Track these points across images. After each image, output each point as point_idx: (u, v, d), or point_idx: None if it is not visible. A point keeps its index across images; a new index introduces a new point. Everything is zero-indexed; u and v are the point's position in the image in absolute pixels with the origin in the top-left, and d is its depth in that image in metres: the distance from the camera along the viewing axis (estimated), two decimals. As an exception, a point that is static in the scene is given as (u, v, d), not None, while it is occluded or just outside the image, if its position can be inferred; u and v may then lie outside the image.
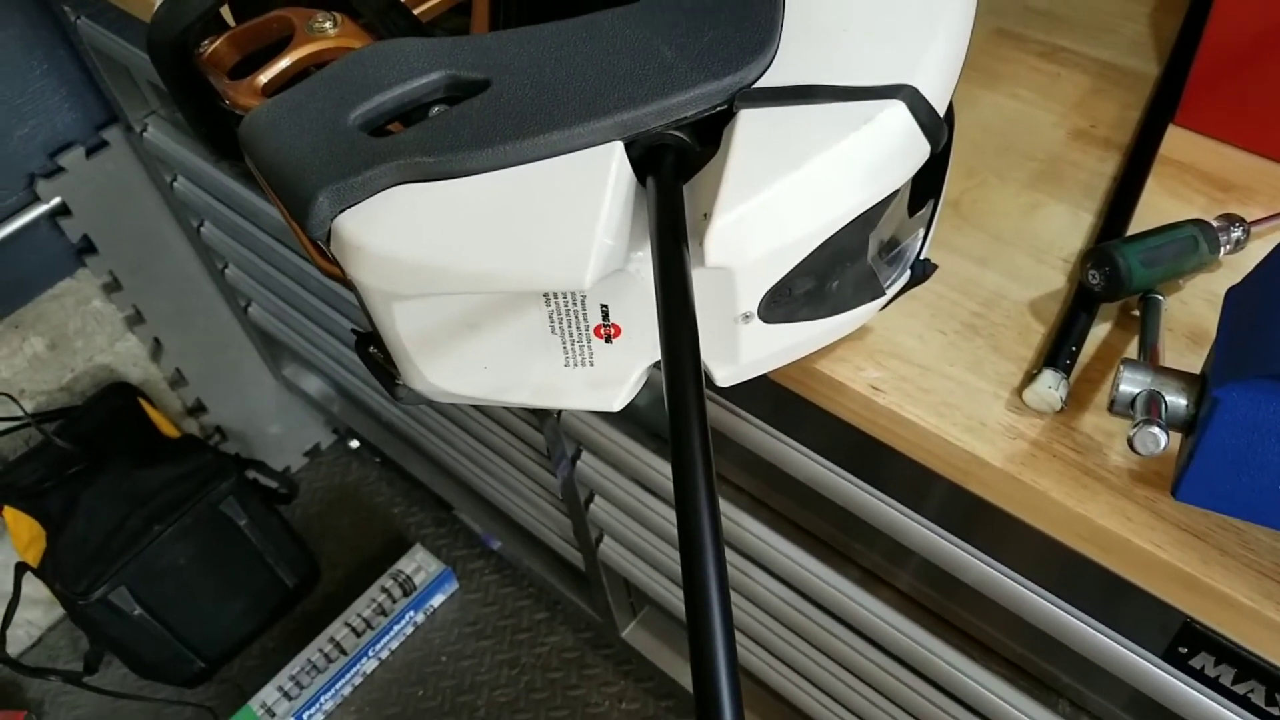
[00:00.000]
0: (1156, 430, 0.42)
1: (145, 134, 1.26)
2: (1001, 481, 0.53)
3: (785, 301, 0.49)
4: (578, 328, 0.49)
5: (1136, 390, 0.45)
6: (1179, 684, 0.56)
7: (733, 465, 0.82)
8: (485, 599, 1.58)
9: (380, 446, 1.54)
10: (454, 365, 0.51)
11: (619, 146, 0.45)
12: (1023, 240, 0.63)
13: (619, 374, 0.52)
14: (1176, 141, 0.68)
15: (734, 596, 0.94)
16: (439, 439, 1.29)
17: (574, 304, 0.48)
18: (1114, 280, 0.55)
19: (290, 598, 1.58)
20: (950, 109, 0.61)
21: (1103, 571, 0.52)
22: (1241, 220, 0.59)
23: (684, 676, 1.27)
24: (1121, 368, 0.45)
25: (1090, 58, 0.76)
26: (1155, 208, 0.64)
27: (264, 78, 0.52)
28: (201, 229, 1.37)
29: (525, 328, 0.49)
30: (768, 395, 0.63)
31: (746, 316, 0.48)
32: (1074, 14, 0.79)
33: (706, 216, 0.44)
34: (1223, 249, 0.59)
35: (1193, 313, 0.58)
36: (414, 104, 0.47)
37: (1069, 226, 0.64)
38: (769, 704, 1.12)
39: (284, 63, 0.52)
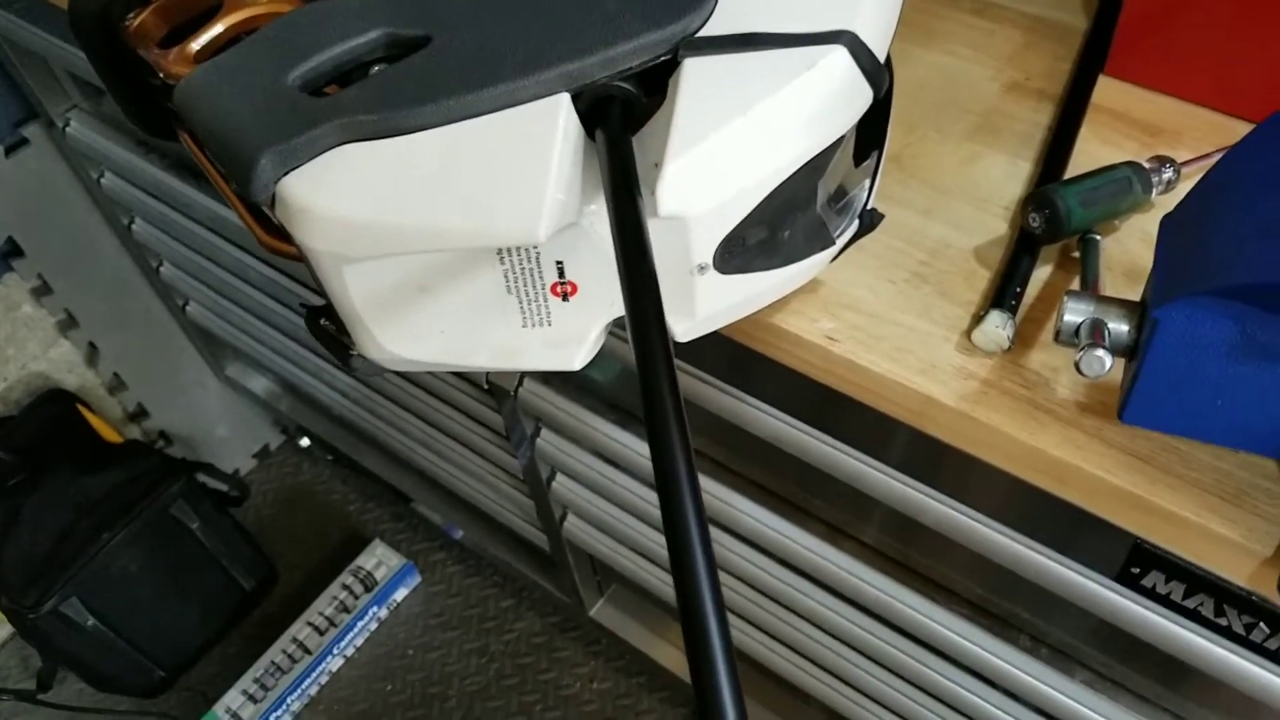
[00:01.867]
0: (1101, 353, 0.43)
1: (68, 129, 1.23)
2: (955, 420, 0.54)
3: (739, 252, 0.50)
4: (534, 286, 0.49)
5: (1080, 319, 0.46)
6: (1133, 605, 0.58)
7: (693, 430, 0.82)
8: (449, 590, 1.57)
9: (332, 442, 1.52)
10: (410, 330, 0.51)
11: (566, 98, 0.45)
12: (964, 190, 0.64)
13: (578, 332, 0.52)
14: (1107, 90, 0.70)
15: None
16: (393, 429, 1.28)
17: (529, 261, 0.48)
18: (1054, 222, 0.57)
19: (248, 601, 1.56)
20: (889, 62, 0.62)
21: (1056, 502, 0.54)
22: (1172, 161, 0.61)
23: (655, 650, 1.27)
24: (1065, 298, 0.46)
25: (1021, 12, 0.77)
26: (1089, 154, 0.66)
27: (196, 45, 0.51)
28: (133, 226, 1.34)
29: (481, 288, 0.49)
30: (725, 354, 0.63)
31: (702, 268, 0.49)
32: (1003, -29, 0.81)
33: (657, 166, 0.44)
34: (1155, 189, 0.60)
35: (1129, 251, 0.60)
36: (354, 63, 0.47)
37: (1008, 175, 0.65)
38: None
39: (216, 28, 0.51)
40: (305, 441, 1.75)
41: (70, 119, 1.23)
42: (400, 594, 1.56)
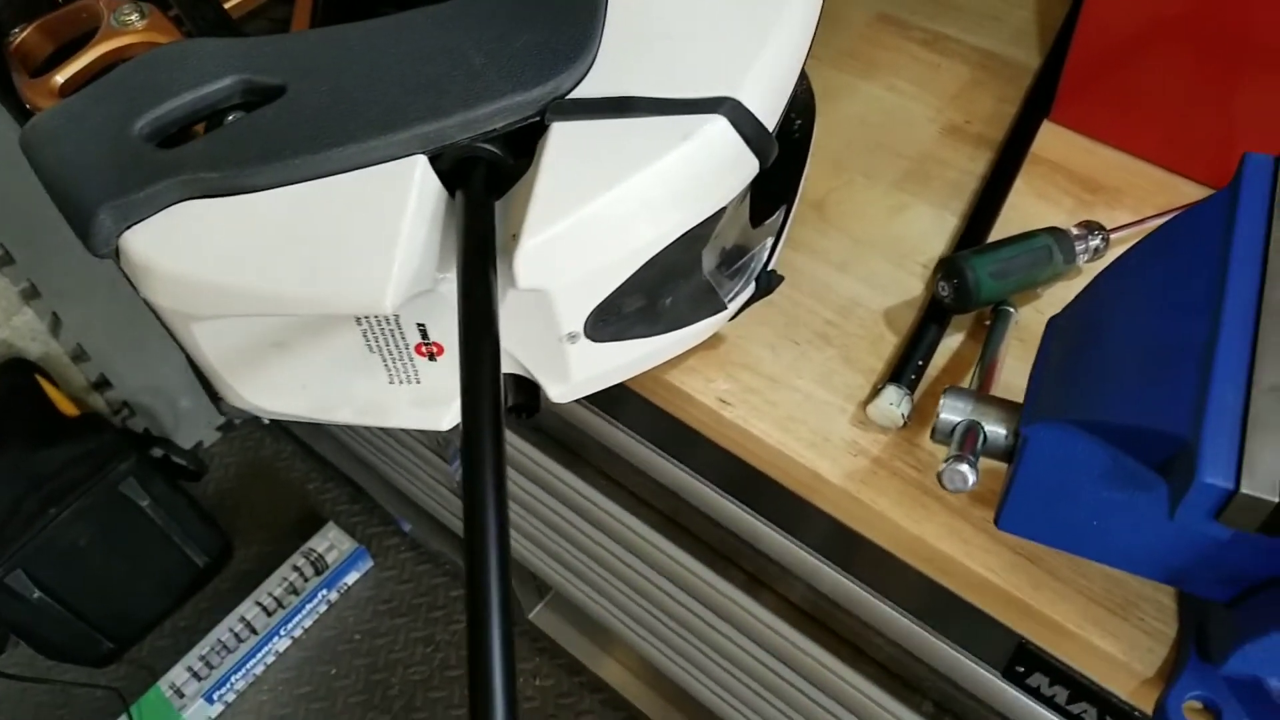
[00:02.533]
0: (964, 468, 0.41)
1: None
2: (842, 498, 0.52)
3: (614, 320, 0.47)
4: (397, 346, 0.47)
5: (957, 419, 0.43)
6: (1020, 698, 0.56)
7: (629, 471, 0.80)
8: (400, 576, 1.56)
9: (288, 426, 1.51)
10: (269, 384, 0.49)
11: (422, 160, 0.42)
12: (885, 244, 0.62)
13: (446, 392, 0.50)
14: (1050, 138, 0.67)
15: (632, 597, 0.93)
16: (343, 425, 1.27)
17: (388, 324, 0.46)
18: (963, 293, 0.54)
19: (201, 576, 1.55)
20: (810, 106, 0.59)
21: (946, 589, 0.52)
22: (1101, 227, 0.58)
23: (592, 660, 1.26)
24: (944, 396, 0.44)
25: (972, 46, 0.74)
26: (1022, 209, 0.63)
27: (60, 77, 0.49)
28: (98, 200, 1.32)
29: (341, 347, 0.47)
30: (638, 402, 0.61)
31: (572, 336, 0.47)
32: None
33: (515, 237, 0.41)
34: (1081, 257, 0.58)
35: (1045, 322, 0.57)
36: (208, 110, 0.44)
37: (932, 230, 0.62)
38: (668, 684, 1.12)
39: (82, 61, 0.49)
40: (266, 419, 1.73)
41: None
42: (351, 577, 1.55)
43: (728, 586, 0.78)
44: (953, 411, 0.44)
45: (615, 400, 0.61)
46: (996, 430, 0.43)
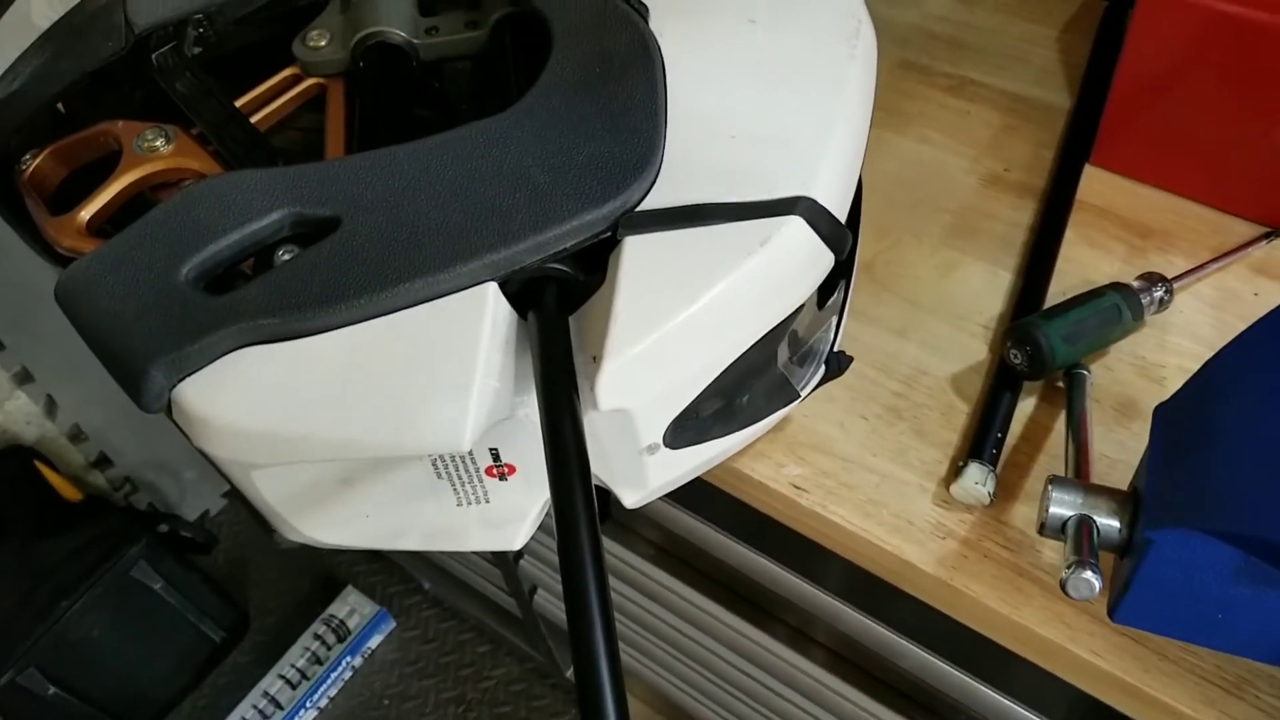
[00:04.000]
0: (1089, 575, 0.39)
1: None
2: (935, 586, 0.50)
3: (693, 425, 0.45)
4: (467, 471, 0.45)
5: (1067, 513, 0.42)
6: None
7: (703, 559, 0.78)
8: (425, 635, 1.53)
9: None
10: (332, 518, 0.47)
11: (493, 288, 0.40)
12: (941, 305, 0.60)
13: (518, 511, 0.47)
14: (1093, 183, 0.65)
15: (676, 669, 0.91)
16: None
17: (459, 453, 0.44)
18: (1037, 360, 0.52)
19: (218, 652, 1.52)
20: (859, 182, 0.57)
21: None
22: (1163, 279, 0.57)
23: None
24: (1049, 488, 0.42)
25: (999, 90, 0.72)
26: (1075, 260, 0.61)
27: (86, 213, 0.46)
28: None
29: (408, 477, 0.45)
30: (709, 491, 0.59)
31: (652, 448, 0.44)
32: (979, 40, 0.76)
33: (595, 360, 0.39)
34: (1147, 310, 0.56)
35: (1120, 380, 0.55)
36: (256, 249, 0.42)
37: (987, 286, 0.61)
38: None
39: (110, 192, 0.46)
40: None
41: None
42: (374, 641, 1.52)
43: (807, 663, 0.75)
44: (1062, 505, 0.42)
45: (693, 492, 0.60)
46: (1110, 523, 0.41)
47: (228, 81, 0.53)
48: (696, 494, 0.64)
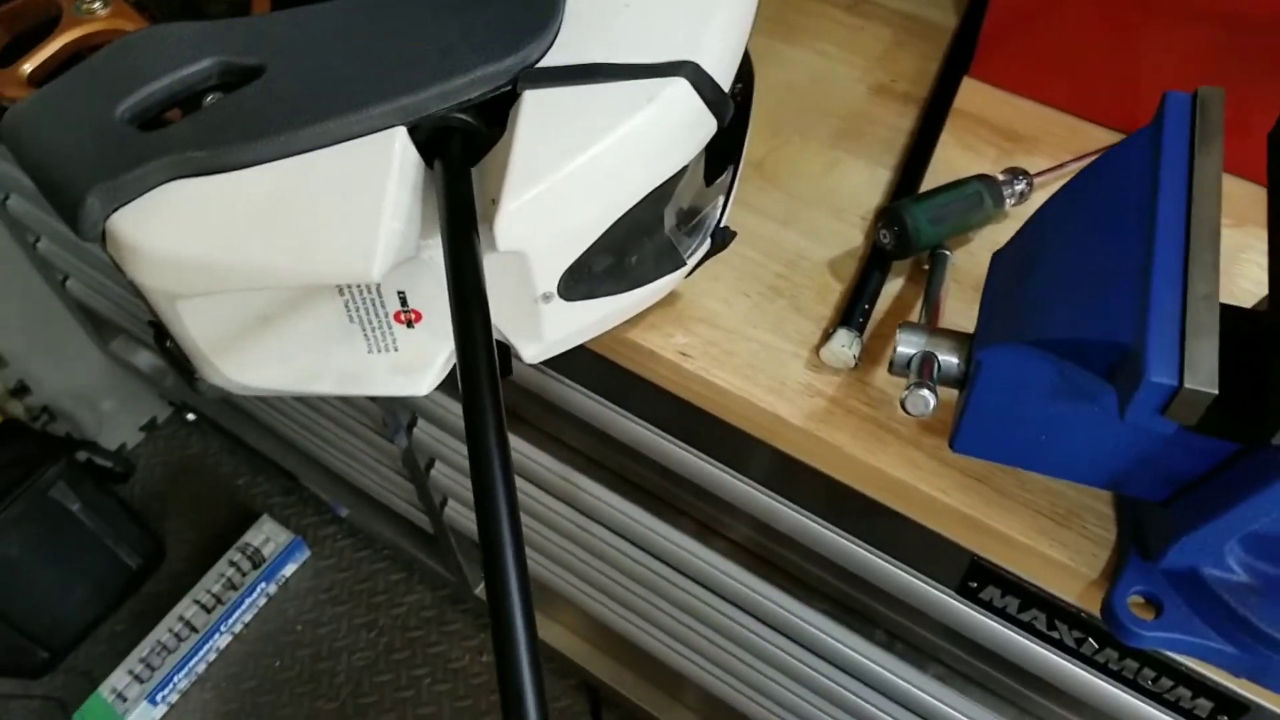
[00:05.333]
0: (925, 392, 0.44)
1: (-65, 103, 1.18)
2: (803, 439, 0.56)
3: (585, 279, 0.50)
4: (377, 315, 0.49)
5: (912, 352, 0.47)
6: (974, 614, 0.60)
7: (569, 428, 0.83)
8: (339, 565, 1.56)
9: (217, 420, 1.49)
10: (251, 359, 0.50)
11: (401, 132, 0.44)
12: (824, 199, 0.65)
13: (424, 358, 0.51)
14: (970, 94, 0.71)
15: (575, 551, 0.96)
16: (276, 412, 1.26)
17: (369, 293, 0.48)
18: (903, 239, 0.58)
19: (135, 579, 1.53)
20: (749, 72, 0.62)
21: (903, 516, 0.55)
22: (1025, 173, 0.62)
23: (542, 627, 1.28)
24: (899, 331, 0.47)
25: (892, 9, 0.78)
26: (948, 162, 0.67)
27: (29, 66, 0.49)
28: (8, 201, 1.28)
29: (322, 318, 0.49)
30: (596, 366, 0.64)
31: (546, 296, 0.49)
32: (874, -34, 0.81)
33: (494, 202, 0.43)
34: (1008, 201, 0.62)
35: (979, 264, 0.61)
36: (186, 92, 0.45)
37: (868, 183, 0.66)
38: (617, 644, 1.16)
39: (50, 49, 0.49)
40: (192, 416, 1.71)
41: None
42: (289, 569, 1.55)
43: (679, 535, 0.81)
44: (908, 345, 0.47)
45: (565, 358, 0.64)
46: (949, 359, 0.47)
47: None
48: (577, 364, 0.69)
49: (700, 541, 0.80)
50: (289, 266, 0.43)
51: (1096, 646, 0.55)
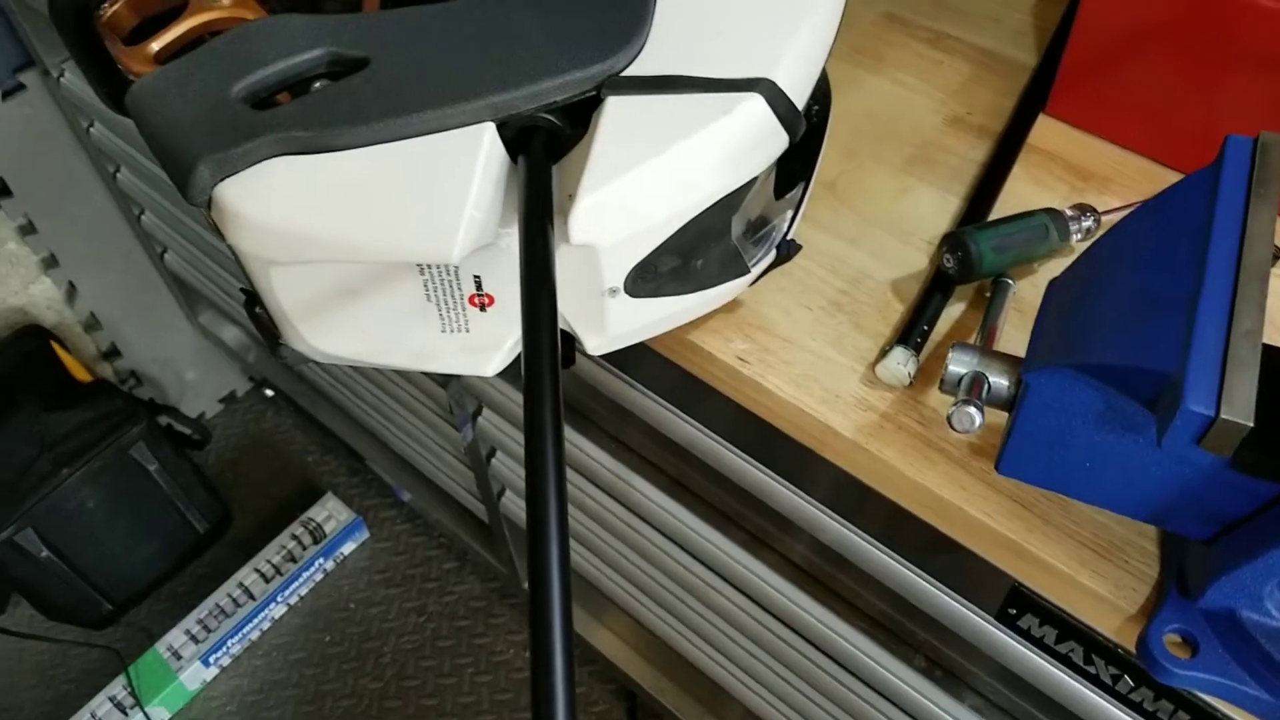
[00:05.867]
0: (972, 410, 0.46)
1: (62, 79, 1.25)
2: (851, 450, 0.57)
3: (651, 278, 0.52)
4: (452, 296, 0.52)
5: (963, 371, 0.48)
6: (1011, 642, 0.61)
7: (630, 429, 0.85)
8: (395, 548, 1.61)
9: (293, 396, 1.55)
10: (332, 328, 0.53)
11: (490, 127, 0.47)
12: (892, 222, 0.67)
13: (493, 340, 0.54)
14: (1045, 131, 0.72)
15: (624, 550, 0.98)
16: (348, 391, 1.31)
17: (448, 274, 0.50)
18: (966, 264, 0.59)
19: (201, 543, 1.59)
20: (827, 94, 0.64)
21: (945, 536, 0.57)
22: (1093, 210, 0.63)
23: (587, 630, 1.30)
24: (951, 350, 0.49)
25: (973, 45, 0.79)
26: (1018, 194, 0.68)
27: (156, 45, 0.53)
28: (118, 175, 1.36)
29: (403, 294, 0.52)
30: (662, 367, 0.66)
31: (613, 291, 0.51)
32: (962, 1, 0.82)
33: (571, 197, 0.46)
34: (1074, 236, 0.63)
35: (1040, 294, 0.62)
36: (297, 78, 0.49)
37: (936, 210, 0.67)
38: (659, 653, 1.17)
39: (176, 31, 0.53)
40: (270, 391, 1.77)
41: (65, 69, 1.25)
42: (347, 548, 1.59)
43: (729, 545, 0.82)
44: (960, 364, 0.49)
45: (632, 360, 0.66)
46: (1000, 380, 0.48)
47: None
48: (643, 365, 0.71)
49: (749, 552, 0.81)
50: (377, 242, 0.46)
51: (1132, 684, 0.55)
